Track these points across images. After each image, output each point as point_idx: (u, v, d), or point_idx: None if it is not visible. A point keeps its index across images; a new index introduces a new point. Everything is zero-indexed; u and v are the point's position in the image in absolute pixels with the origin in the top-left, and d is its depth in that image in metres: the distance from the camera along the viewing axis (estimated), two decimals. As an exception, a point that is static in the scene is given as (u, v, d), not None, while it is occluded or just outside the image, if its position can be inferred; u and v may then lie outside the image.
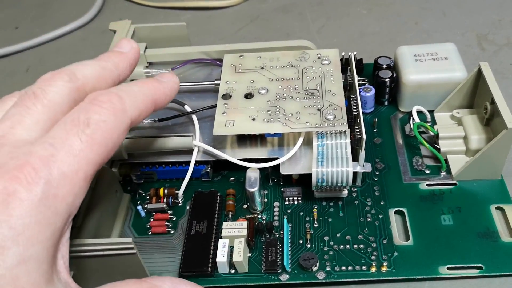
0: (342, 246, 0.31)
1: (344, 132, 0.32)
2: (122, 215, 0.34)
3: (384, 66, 0.39)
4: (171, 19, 0.56)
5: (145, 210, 0.35)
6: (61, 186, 0.20)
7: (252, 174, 0.33)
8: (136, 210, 0.35)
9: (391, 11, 0.53)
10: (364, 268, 0.30)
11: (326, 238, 0.32)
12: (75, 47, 0.54)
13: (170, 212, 0.34)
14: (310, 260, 0.30)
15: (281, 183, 0.35)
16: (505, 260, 0.29)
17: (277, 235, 0.32)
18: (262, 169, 0.33)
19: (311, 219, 0.33)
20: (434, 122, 0.38)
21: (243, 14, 0.56)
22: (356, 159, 0.33)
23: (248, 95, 0.35)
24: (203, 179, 0.36)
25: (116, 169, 0.35)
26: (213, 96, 0.37)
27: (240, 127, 0.33)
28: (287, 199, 0.34)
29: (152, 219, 0.34)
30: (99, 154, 0.22)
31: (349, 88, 0.37)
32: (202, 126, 0.36)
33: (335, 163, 0.31)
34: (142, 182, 0.36)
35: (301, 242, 0.32)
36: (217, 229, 0.32)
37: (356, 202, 0.34)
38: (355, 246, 0.31)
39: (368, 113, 0.40)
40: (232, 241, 0.31)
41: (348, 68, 0.38)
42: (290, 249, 0.31)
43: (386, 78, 0.38)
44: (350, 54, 0.38)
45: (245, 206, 0.34)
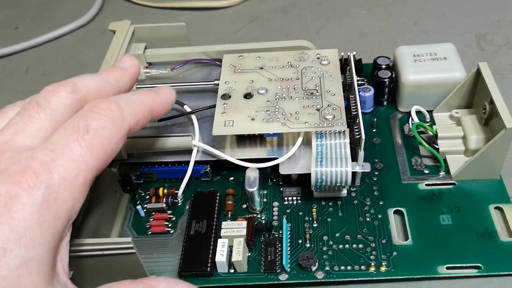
0: (341, 246, 0.31)
1: (343, 132, 0.32)
2: (121, 215, 0.34)
3: (383, 66, 0.39)
4: (171, 19, 0.56)
5: (144, 210, 0.35)
6: (61, 190, 0.21)
7: (252, 174, 0.33)
8: (135, 210, 0.35)
9: (390, 11, 0.54)
10: (363, 267, 0.30)
11: (325, 238, 0.32)
12: (74, 47, 0.54)
13: (169, 212, 0.35)
14: (309, 259, 0.30)
15: (280, 183, 0.35)
16: (503, 260, 0.30)
17: (276, 235, 0.32)
18: (261, 169, 0.33)
19: (310, 218, 0.33)
20: (433, 122, 0.38)
21: (243, 14, 0.56)
22: (355, 159, 0.33)
23: (247, 95, 0.35)
24: (202, 179, 0.36)
25: (115, 169, 0.35)
26: (212, 96, 0.37)
27: (240, 127, 0.33)
28: (286, 199, 0.34)
29: (151, 219, 0.34)
30: (98, 160, 0.23)
31: (348, 88, 0.37)
32: (202, 126, 0.36)
33: (334, 163, 0.31)
34: (141, 182, 0.36)
35: (300, 241, 0.32)
36: (216, 228, 0.32)
37: (355, 202, 0.34)
38: (354, 246, 0.31)
39: (367, 113, 0.40)
40: (231, 240, 0.31)
41: (347, 68, 0.38)
42: (289, 248, 0.31)
43: (385, 78, 0.38)
44: (349, 54, 0.38)
45: (244, 206, 0.34)
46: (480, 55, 0.46)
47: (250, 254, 0.31)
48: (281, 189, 0.35)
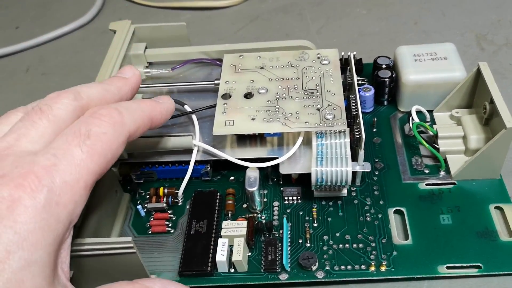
0: (341, 246, 0.31)
1: (344, 131, 0.32)
2: (122, 215, 0.34)
3: (384, 66, 0.39)
4: (171, 19, 0.56)
5: (145, 210, 0.35)
6: (63, 194, 0.21)
7: (252, 173, 0.33)
8: (136, 210, 0.35)
9: (390, 11, 0.54)
10: (363, 267, 0.30)
11: (326, 238, 0.32)
12: (75, 47, 0.54)
13: (170, 211, 0.35)
14: (310, 259, 0.30)
15: (280, 182, 0.35)
16: (504, 259, 0.30)
17: (276, 235, 0.32)
18: (261, 168, 0.33)
19: (311, 218, 0.33)
20: (433, 122, 0.38)
21: (243, 14, 0.56)
22: (355, 158, 0.33)
23: (247, 95, 0.35)
24: (202, 179, 0.36)
25: (116, 168, 0.35)
26: (213, 96, 0.37)
27: (240, 126, 0.33)
28: (286, 198, 0.34)
29: (152, 219, 0.34)
30: (98, 164, 0.23)
31: (348, 88, 0.37)
32: (202, 125, 0.36)
33: (334, 163, 0.31)
34: (142, 181, 0.36)
35: (300, 241, 0.32)
36: (216, 228, 0.32)
37: (355, 202, 0.34)
38: (355, 246, 0.31)
39: (368, 113, 0.40)
40: (231, 240, 0.31)
41: (348, 68, 0.38)
42: (289, 248, 0.31)
43: (385, 78, 0.38)
44: (350, 54, 0.38)
45: (244, 206, 0.34)
46: (481, 55, 0.46)
47: (250, 254, 0.31)
48: (281, 188, 0.35)
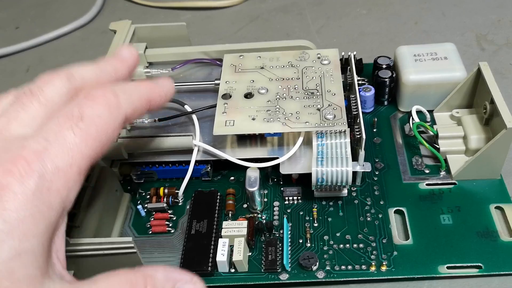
0: (341, 246, 0.31)
1: (344, 131, 0.32)
2: (122, 215, 0.34)
3: (384, 66, 0.39)
4: (171, 19, 0.56)
5: (145, 210, 0.35)
6: (55, 180, 0.20)
7: (252, 173, 0.33)
8: (136, 210, 0.35)
9: (390, 11, 0.54)
10: (363, 267, 0.30)
11: (326, 238, 0.32)
12: (75, 47, 0.54)
13: (170, 211, 0.35)
14: (310, 259, 0.30)
15: (281, 182, 0.35)
16: (504, 259, 0.30)
17: (277, 235, 0.32)
18: (262, 168, 0.33)
19: (311, 218, 0.33)
20: (433, 122, 0.38)
21: (243, 14, 0.56)
22: (355, 158, 0.33)
23: (248, 95, 0.35)
24: (203, 179, 0.36)
25: (116, 168, 0.35)
26: (213, 96, 0.37)
27: (240, 126, 0.33)
28: (287, 198, 0.34)
29: (152, 219, 0.34)
30: (93, 149, 0.22)
31: (348, 88, 0.37)
32: (202, 126, 0.36)
33: (334, 163, 0.31)
34: (142, 181, 0.36)
35: (300, 241, 0.32)
36: (217, 228, 0.32)
37: (355, 202, 0.34)
38: (355, 246, 0.31)
39: (368, 112, 0.40)
40: (232, 240, 0.31)
41: (348, 68, 0.38)
42: (290, 248, 0.31)
43: (385, 78, 0.38)
44: (350, 54, 0.38)
45: (245, 206, 0.34)
46: (481, 54, 0.46)
47: (250, 254, 0.31)
48: (281, 188, 0.35)
